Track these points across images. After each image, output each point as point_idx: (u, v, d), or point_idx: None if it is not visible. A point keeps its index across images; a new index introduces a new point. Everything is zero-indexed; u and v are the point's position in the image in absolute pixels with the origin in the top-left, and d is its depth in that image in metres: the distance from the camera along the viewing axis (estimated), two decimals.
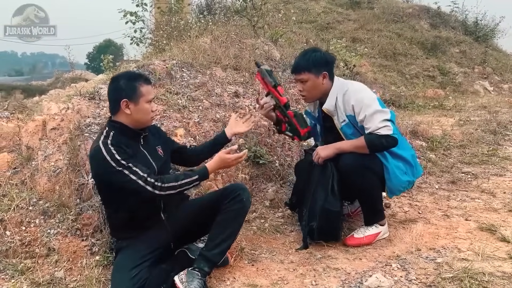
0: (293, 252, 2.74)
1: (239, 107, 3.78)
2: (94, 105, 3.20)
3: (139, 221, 2.34)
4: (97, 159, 2.15)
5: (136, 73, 2.47)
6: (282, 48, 5.39)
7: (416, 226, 3.03)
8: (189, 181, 2.26)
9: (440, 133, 4.90)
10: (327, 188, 2.73)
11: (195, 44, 4.58)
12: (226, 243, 2.35)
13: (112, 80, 2.34)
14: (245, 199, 2.38)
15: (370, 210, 2.83)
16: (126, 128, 2.29)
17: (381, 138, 2.55)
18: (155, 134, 2.53)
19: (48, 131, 3.03)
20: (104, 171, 2.14)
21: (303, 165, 3.01)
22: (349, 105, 2.68)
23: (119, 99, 2.24)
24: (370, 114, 2.58)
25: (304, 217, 2.83)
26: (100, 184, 2.31)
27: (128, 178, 2.12)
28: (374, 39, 9.90)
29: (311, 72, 2.71)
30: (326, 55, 2.79)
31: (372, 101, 2.64)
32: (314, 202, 2.77)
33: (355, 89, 2.71)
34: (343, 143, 2.74)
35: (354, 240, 2.80)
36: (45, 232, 2.66)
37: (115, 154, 2.12)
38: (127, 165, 2.12)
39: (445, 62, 9.84)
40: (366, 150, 2.61)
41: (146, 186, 2.13)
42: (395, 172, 2.69)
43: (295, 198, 3.05)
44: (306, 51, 2.83)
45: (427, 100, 7.61)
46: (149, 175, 2.16)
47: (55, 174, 2.85)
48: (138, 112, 2.26)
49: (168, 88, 3.64)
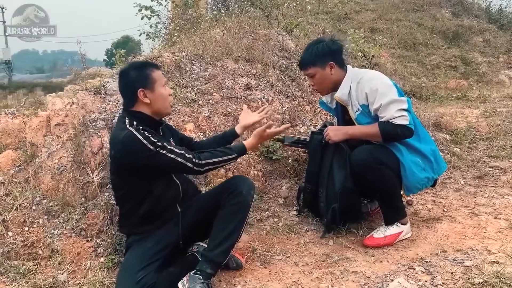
0: (308, 253, 2.58)
1: (251, 100, 3.62)
2: (99, 99, 3.07)
3: (157, 213, 2.24)
4: (132, 144, 2.04)
5: (143, 61, 2.39)
6: (298, 39, 5.20)
7: (441, 225, 2.83)
8: (227, 159, 2.24)
9: (465, 125, 4.65)
10: (345, 167, 2.62)
11: (206, 36, 4.43)
12: (228, 241, 2.19)
13: (121, 74, 2.24)
14: (244, 192, 2.22)
15: (389, 208, 2.65)
16: (148, 118, 2.20)
17: (396, 127, 2.41)
18: (165, 127, 2.42)
19: (53, 127, 2.92)
20: (141, 155, 2.04)
21: (314, 146, 2.86)
22: (362, 94, 2.53)
23: (135, 90, 2.15)
24: (386, 104, 2.43)
25: (322, 198, 2.71)
26: (126, 175, 2.17)
27: (167, 157, 2.06)
28: (393, 29, 9.58)
29: (316, 65, 2.62)
30: (330, 44, 2.64)
31: (387, 89, 2.47)
32: (332, 183, 2.67)
33: (369, 77, 2.55)
34: (355, 128, 2.62)
35: (374, 240, 2.61)
36: (48, 232, 2.56)
37: (150, 137, 2.05)
38: (163, 145, 2.06)
39: (467, 52, 9.48)
40: (379, 138, 2.48)
41: (186, 163, 2.09)
42: (411, 168, 2.51)
43: (310, 187, 2.88)
44: (309, 44, 2.72)
45: (450, 91, 7.33)
46: (186, 151, 2.13)
47: (59, 172, 2.74)
48: (157, 99, 2.19)
49: (177, 81, 3.50)
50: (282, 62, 4.33)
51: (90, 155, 2.73)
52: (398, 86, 2.54)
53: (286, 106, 3.80)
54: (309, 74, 2.66)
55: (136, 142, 2.03)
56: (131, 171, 2.13)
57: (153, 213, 2.22)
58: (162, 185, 2.21)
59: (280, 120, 3.59)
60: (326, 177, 2.70)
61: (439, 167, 2.68)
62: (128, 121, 2.12)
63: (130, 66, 2.27)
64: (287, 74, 4.19)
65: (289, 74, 4.21)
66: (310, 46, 2.66)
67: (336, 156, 2.68)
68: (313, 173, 2.84)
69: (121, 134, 2.06)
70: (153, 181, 2.17)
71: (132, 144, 2.04)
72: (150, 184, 2.18)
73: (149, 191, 2.18)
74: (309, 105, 3.96)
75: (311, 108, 3.91)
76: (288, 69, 4.28)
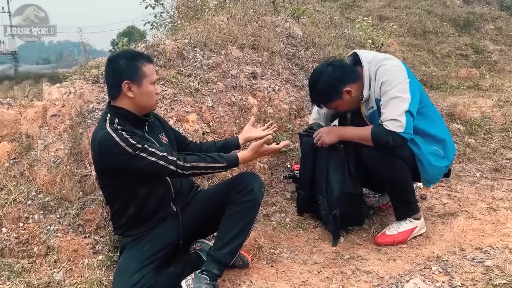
0: (317, 251, 2.44)
1: (256, 89, 3.46)
2: (98, 89, 2.93)
3: (146, 215, 2.10)
4: (109, 147, 1.89)
5: (136, 51, 2.20)
6: (305, 26, 5.01)
7: (457, 221, 2.69)
8: (215, 166, 2.05)
9: (479, 115, 4.47)
10: (342, 170, 2.47)
11: (211, 23, 4.25)
12: (236, 241, 2.07)
13: (110, 60, 2.07)
14: (256, 190, 2.09)
15: (401, 202, 2.50)
16: (130, 115, 2.03)
17: (388, 134, 2.21)
18: (155, 120, 2.26)
19: (49, 118, 2.79)
20: (119, 159, 1.89)
21: (305, 150, 2.69)
22: (377, 87, 2.33)
23: (120, 81, 1.97)
24: (387, 99, 2.25)
25: (323, 206, 2.56)
26: (109, 175, 2.04)
27: (147, 161, 1.90)
28: (402, 17, 9.34)
29: (332, 101, 2.43)
30: (332, 73, 2.38)
31: (397, 84, 2.26)
32: (330, 188, 2.52)
33: (386, 69, 2.33)
34: (347, 130, 2.47)
35: (386, 238, 2.48)
36: (44, 228, 2.44)
37: (129, 138, 1.89)
38: (143, 148, 1.90)
39: (479, 40, 9.22)
40: (370, 143, 2.31)
41: (168, 166, 1.93)
42: (429, 161, 2.37)
43: (302, 193, 2.74)
44: (311, 84, 2.48)
45: (461, 81, 7.13)
46: (169, 153, 1.95)
47: (55, 165, 2.61)
48: (142, 95, 2.01)
49: (179, 69, 3.35)
50: (289, 49, 4.16)
51: (87, 147, 2.59)
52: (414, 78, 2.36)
53: (293, 95, 3.64)
54: (331, 108, 2.53)
55: (113, 144, 1.88)
56: (113, 173, 2.00)
57: (142, 215, 2.09)
58: (149, 186, 2.06)
59: (287, 110, 3.44)
60: (324, 182, 2.55)
61: (453, 149, 2.55)
62: (109, 119, 1.97)
63: (120, 53, 2.10)
64: (294, 62, 4.03)
65: (296, 62, 4.04)
66: (313, 87, 2.45)
67: (331, 159, 2.52)
68: (305, 178, 2.69)
69: (99, 135, 1.92)
70: (137, 183, 2.03)
71: (109, 147, 1.89)
72: (135, 185, 2.04)
73: (134, 193, 2.05)
74: None
75: None
76: (295, 57, 4.11)
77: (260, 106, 3.38)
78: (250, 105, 3.32)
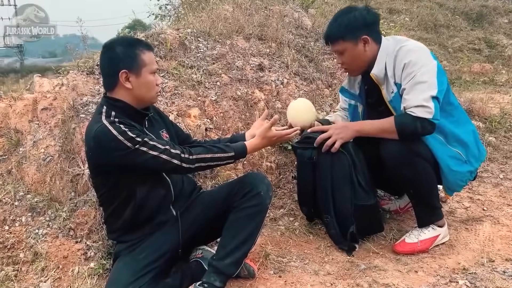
0: (330, 260, 2.22)
1: (263, 83, 3.23)
2: (93, 80, 2.72)
3: (144, 219, 1.90)
4: (105, 141, 1.70)
5: (134, 38, 1.99)
6: (314, 17, 4.78)
7: (482, 227, 2.47)
8: (223, 156, 1.86)
9: (498, 111, 4.22)
10: (351, 182, 2.20)
11: (215, 12, 4.03)
12: (241, 250, 1.87)
13: (105, 47, 1.86)
14: (263, 193, 1.89)
15: (424, 207, 2.27)
16: (129, 108, 1.83)
17: (416, 121, 1.98)
18: (155, 115, 2.05)
19: (39, 112, 2.58)
20: (117, 154, 1.70)
21: (302, 164, 2.39)
22: (399, 70, 2.09)
23: (116, 70, 1.78)
24: (412, 84, 2.01)
25: (331, 226, 2.30)
26: (104, 173, 1.84)
27: (148, 155, 1.72)
28: (413, 10, 9.11)
29: (346, 39, 2.14)
30: (364, 13, 2.16)
31: (424, 67, 2.03)
32: (340, 203, 2.24)
33: (409, 49, 2.09)
34: (366, 123, 2.22)
35: (406, 246, 2.25)
36: (32, 232, 2.24)
37: (127, 131, 1.70)
38: (143, 141, 1.71)
39: (492, 34, 8.98)
40: (394, 135, 2.06)
41: (172, 160, 1.75)
42: (449, 166, 2.13)
43: (306, 209, 2.49)
44: (338, 13, 2.23)
45: (475, 76, 6.88)
46: (171, 146, 1.77)
47: (45, 163, 2.41)
48: (140, 86, 1.81)
49: (181, 60, 3.12)
50: (298, 40, 3.93)
51: (80, 143, 2.39)
52: (441, 67, 2.13)
53: (303, 89, 3.41)
54: (338, 50, 2.20)
55: (110, 138, 1.69)
56: (109, 171, 1.79)
57: (139, 219, 1.89)
58: (148, 186, 1.86)
59: None
60: (330, 199, 2.25)
61: (480, 153, 2.29)
62: (105, 111, 1.77)
63: (117, 40, 1.90)
64: (303, 54, 3.79)
65: (306, 54, 3.80)
66: (339, 16, 2.19)
67: (335, 170, 2.22)
68: (305, 194, 2.41)
69: (94, 128, 1.72)
70: (136, 181, 1.83)
71: (105, 141, 1.70)
72: (133, 186, 1.83)
73: (132, 193, 1.84)
74: (328, 89, 3.56)
75: (331, 92, 3.52)
76: (305, 48, 3.87)
77: (268, 101, 3.15)
78: (257, 99, 3.10)
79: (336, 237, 2.31)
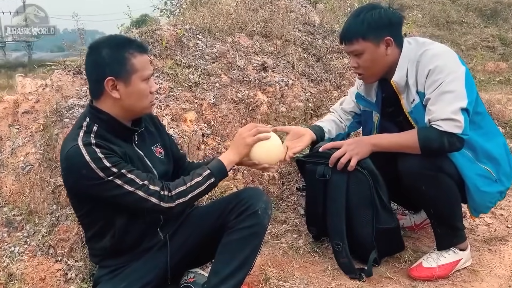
0: (338, 285, 1.99)
1: (267, 84, 3.00)
2: (80, 81, 2.51)
3: (127, 246, 1.68)
4: (76, 166, 1.48)
5: (125, 38, 1.72)
6: (322, 13, 4.55)
7: (507, 248, 2.24)
8: (200, 180, 1.60)
9: None
10: (372, 204, 1.99)
11: (217, 7, 3.80)
12: (236, 277, 1.64)
13: (90, 49, 1.61)
14: (260, 212, 1.65)
15: (445, 228, 2.02)
16: (114, 122, 1.59)
17: (443, 135, 1.74)
18: (150, 126, 1.80)
19: (20, 115, 2.38)
20: (87, 183, 1.49)
21: (312, 182, 2.13)
22: (422, 77, 1.85)
23: (102, 77, 1.53)
24: (439, 93, 1.78)
25: (342, 254, 2.05)
26: (78, 198, 1.63)
27: (123, 190, 1.49)
28: (424, 6, 8.89)
29: (367, 39, 1.88)
30: (389, 13, 1.90)
31: (451, 74, 1.79)
32: (358, 229, 2.03)
33: (434, 53, 1.85)
34: (382, 137, 1.97)
35: (423, 271, 2.02)
36: (7, 250, 2.05)
37: (103, 159, 1.46)
38: (119, 173, 1.47)
39: (507, 31, 8.77)
40: (417, 150, 1.81)
41: (149, 198, 1.52)
42: (477, 186, 1.88)
43: (315, 230, 2.27)
44: (360, 9, 1.97)
45: (490, 75, 6.65)
46: (151, 182, 1.53)
47: (24, 172, 2.22)
48: (130, 96, 1.56)
49: (178, 59, 2.90)
50: (305, 38, 3.69)
51: None
52: (469, 72, 1.87)
53: (310, 91, 3.18)
54: (356, 50, 1.92)
55: (81, 164, 1.46)
56: (82, 197, 1.57)
57: (121, 246, 1.66)
58: (128, 214, 1.62)
59: (303, 108, 2.99)
60: (343, 225, 2.03)
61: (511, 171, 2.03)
62: (86, 125, 1.54)
63: (104, 40, 1.63)
64: (311, 53, 3.56)
65: (313, 53, 3.57)
66: (361, 12, 1.92)
67: (352, 191, 1.99)
68: (315, 216, 2.17)
69: (68, 147, 1.50)
70: (114, 209, 1.58)
71: (75, 166, 1.47)
72: (110, 214, 1.59)
73: (111, 222, 1.61)
74: (337, 90, 3.33)
75: (340, 94, 3.28)
76: (312, 46, 3.64)
77: (271, 104, 2.94)
78: (259, 102, 2.88)
79: (348, 267, 2.07)
